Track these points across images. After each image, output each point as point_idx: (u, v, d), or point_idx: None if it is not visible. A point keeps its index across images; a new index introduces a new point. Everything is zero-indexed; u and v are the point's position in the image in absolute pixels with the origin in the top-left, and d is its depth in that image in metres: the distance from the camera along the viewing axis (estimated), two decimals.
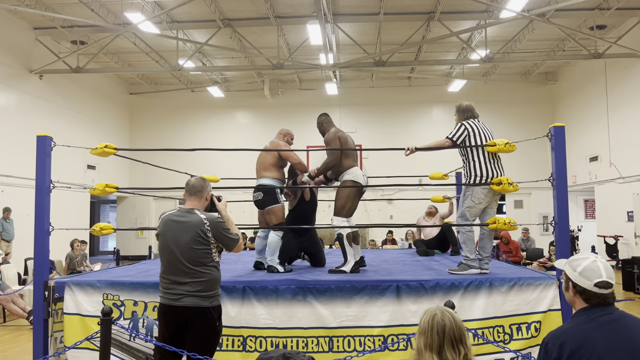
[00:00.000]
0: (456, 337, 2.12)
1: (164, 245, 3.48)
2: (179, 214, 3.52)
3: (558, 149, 4.38)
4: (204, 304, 3.39)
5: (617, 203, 13.77)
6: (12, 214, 11.46)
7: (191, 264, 3.38)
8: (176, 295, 3.38)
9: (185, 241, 3.39)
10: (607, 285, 2.15)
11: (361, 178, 5.18)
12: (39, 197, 4.51)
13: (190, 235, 3.39)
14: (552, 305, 4.24)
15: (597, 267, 2.18)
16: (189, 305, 3.36)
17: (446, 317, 2.17)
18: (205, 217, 3.45)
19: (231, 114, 18.66)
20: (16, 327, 7.37)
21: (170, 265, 3.42)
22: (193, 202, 3.58)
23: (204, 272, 3.41)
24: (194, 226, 3.40)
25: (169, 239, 3.45)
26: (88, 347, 4.31)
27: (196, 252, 3.40)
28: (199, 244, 3.40)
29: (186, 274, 3.38)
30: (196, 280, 3.38)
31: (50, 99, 14.07)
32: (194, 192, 3.57)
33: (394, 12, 12.47)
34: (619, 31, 13.18)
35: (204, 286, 3.40)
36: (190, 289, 3.37)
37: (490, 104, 17.18)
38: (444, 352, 2.10)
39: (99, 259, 16.87)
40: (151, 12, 11.85)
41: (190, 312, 3.36)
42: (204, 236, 3.40)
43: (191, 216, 3.46)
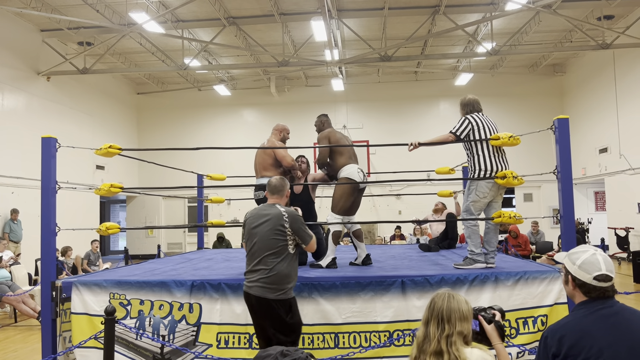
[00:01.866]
0: (443, 316, 2.31)
1: (249, 235, 3.79)
2: (262, 207, 3.87)
3: (562, 141, 4.35)
4: (270, 295, 3.58)
5: (628, 194, 13.64)
6: (22, 215, 11.57)
7: (266, 254, 3.65)
8: (250, 282, 3.68)
9: (265, 231, 3.68)
10: (606, 279, 2.13)
11: (356, 175, 5.23)
12: (45, 197, 4.54)
13: (270, 226, 3.68)
14: (559, 298, 4.21)
15: (596, 260, 2.16)
16: (258, 295, 3.61)
17: (442, 298, 2.37)
18: (285, 210, 3.76)
19: (238, 112, 18.70)
20: (27, 327, 7.44)
21: (252, 254, 3.72)
22: (275, 200, 3.91)
23: (276, 264, 3.63)
24: (274, 218, 3.71)
25: (252, 228, 3.77)
26: (95, 346, 4.35)
27: (273, 242, 3.66)
28: (277, 235, 3.67)
29: (260, 263, 3.65)
30: (268, 271, 3.62)
31: (58, 101, 14.17)
32: (276, 191, 3.91)
33: (398, 7, 12.41)
34: (627, 21, 13.03)
35: (273, 278, 3.61)
36: (260, 278, 3.62)
37: (498, 97, 17.09)
38: (430, 325, 2.33)
39: (110, 258, 17.01)
40: (156, 11, 11.88)
41: (261, 302, 3.61)
42: (282, 228, 3.68)
43: (272, 209, 3.78)
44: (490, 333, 2.51)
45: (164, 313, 4.43)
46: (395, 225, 14.42)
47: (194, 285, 4.43)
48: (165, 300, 4.44)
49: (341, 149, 5.38)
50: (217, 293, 4.40)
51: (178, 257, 7.21)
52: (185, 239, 18.57)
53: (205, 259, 6.73)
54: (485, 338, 2.52)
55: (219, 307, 4.38)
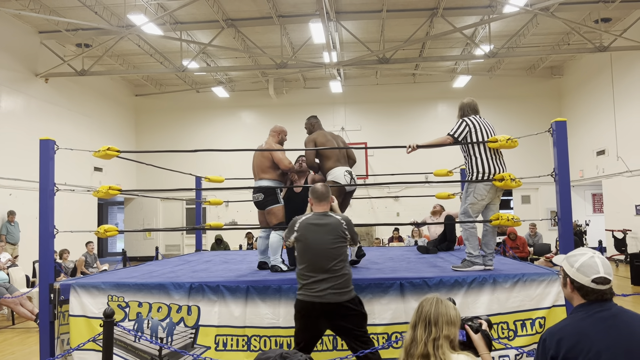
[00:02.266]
0: (431, 320, 2.33)
1: (306, 247, 3.77)
2: (315, 217, 3.86)
3: (560, 143, 4.36)
4: (344, 298, 3.65)
5: (625, 197, 13.67)
6: (20, 217, 11.55)
7: (334, 262, 3.68)
8: (320, 292, 3.65)
9: (328, 241, 3.72)
10: (604, 281, 2.14)
11: (341, 178, 5.25)
12: (43, 200, 4.54)
13: (333, 236, 3.74)
14: (557, 300, 4.21)
15: (594, 262, 2.17)
16: (333, 301, 3.62)
17: (430, 302, 2.39)
18: (341, 217, 3.86)
19: (236, 114, 18.71)
20: (24, 330, 7.43)
21: (314, 264, 3.70)
22: (324, 206, 3.93)
23: (343, 269, 3.71)
24: (335, 227, 3.77)
25: (311, 241, 3.75)
26: (94, 349, 4.34)
27: (337, 250, 3.72)
28: (339, 243, 3.74)
29: (328, 271, 3.67)
30: (336, 276, 3.67)
31: (56, 102, 14.16)
32: (324, 198, 3.94)
33: (396, 9, 12.44)
34: (624, 24, 13.08)
35: (342, 282, 3.68)
36: (333, 286, 3.64)
37: (496, 100, 17.13)
38: (417, 328, 2.35)
39: (107, 260, 16.98)
40: (154, 13, 11.89)
41: (334, 307, 3.63)
42: (343, 234, 3.77)
43: (329, 218, 3.83)
44: (477, 342, 2.51)
45: (162, 315, 4.43)
46: (393, 227, 14.44)
47: (192, 287, 4.42)
48: (164, 302, 4.44)
49: (328, 152, 5.38)
50: (216, 295, 4.40)
51: (176, 259, 7.20)
52: (184, 240, 18.55)
53: (203, 261, 6.72)
54: (472, 348, 2.52)
55: (217, 310, 4.38)
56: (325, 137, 5.51)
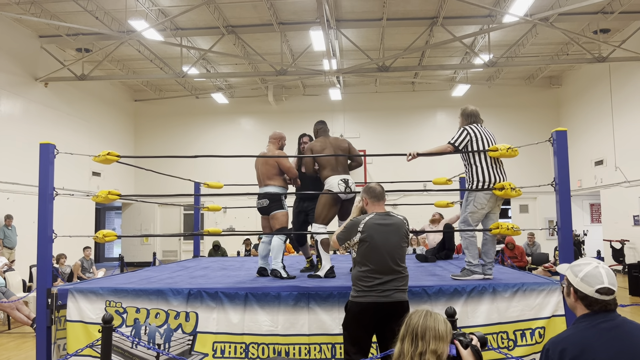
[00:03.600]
0: (418, 333, 2.29)
1: (373, 248, 3.67)
2: (380, 217, 3.74)
3: (560, 153, 4.37)
4: (406, 297, 3.70)
5: (623, 207, 13.68)
6: (18, 221, 11.51)
7: (400, 262, 3.69)
8: (387, 292, 3.61)
9: (395, 241, 3.69)
10: (608, 292, 2.13)
11: (335, 187, 5.26)
12: (42, 204, 4.52)
13: (399, 236, 3.72)
14: (556, 310, 4.20)
15: (599, 273, 2.15)
16: (399, 300, 3.62)
17: (419, 315, 2.36)
18: (403, 218, 3.83)
19: (235, 120, 18.72)
20: (20, 335, 7.38)
21: (381, 265, 3.63)
22: (382, 206, 3.86)
23: (406, 269, 3.74)
24: (400, 227, 3.74)
25: (378, 241, 3.66)
26: (90, 355, 4.32)
27: (403, 250, 3.74)
28: (404, 243, 3.76)
29: (395, 272, 3.64)
30: (402, 276, 3.68)
31: (56, 107, 14.15)
32: (382, 197, 3.88)
33: (397, 18, 12.49)
34: (623, 35, 13.15)
35: (407, 281, 3.72)
36: (398, 285, 3.64)
37: (495, 109, 17.16)
38: (405, 341, 2.32)
39: (104, 265, 16.92)
40: (155, 19, 11.91)
41: (398, 306, 3.59)
42: (407, 234, 3.78)
43: (393, 218, 3.77)
44: (466, 358, 2.43)
45: (160, 321, 4.40)
46: None
47: (190, 293, 4.40)
48: (162, 308, 4.41)
49: (323, 161, 5.37)
50: (214, 302, 4.38)
51: (174, 265, 7.17)
52: (181, 246, 18.50)
53: (201, 267, 6.70)
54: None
55: (216, 316, 4.36)
56: (323, 144, 5.48)
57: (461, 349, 2.41)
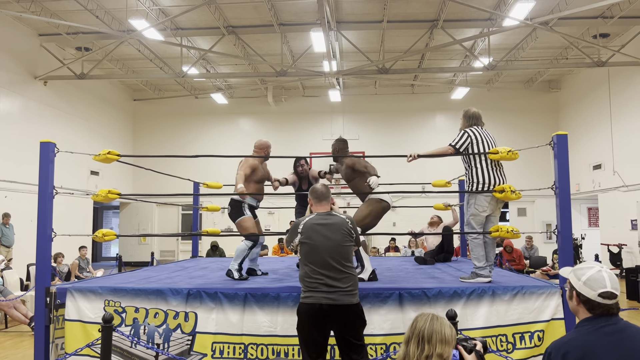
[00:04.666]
0: (424, 336, 2.29)
1: (312, 248, 3.61)
2: (320, 217, 3.71)
3: (561, 157, 4.37)
4: (354, 300, 3.54)
5: (621, 211, 13.71)
6: (15, 220, 11.47)
7: (343, 262, 3.57)
8: (330, 294, 3.49)
9: (335, 241, 3.59)
10: (611, 296, 2.13)
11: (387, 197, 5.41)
12: (42, 203, 4.51)
13: (340, 235, 3.61)
14: (555, 314, 4.21)
15: (601, 277, 2.16)
16: (343, 303, 3.49)
17: (425, 319, 2.36)
18: (346, 216, 3.75)
19: (234, 121, 18.71)
20: (18, 333, 7.36)
21: (320, 265, 3.55)
22: (325, 206, 3.83)
23: (351, 270, 3.60)
24: (341, 225, 3.65)
25: (317, 241, 3.60)
26: (89, 354, 4.30)
27: (346, 249, 3.61)
28: (347, 242, 3.64)
29: (339, 272, 3.53)
30: (347, 277, 3.54)
31: (55, 105, 14.13)
32: (324, 197, 3.85)
33: (397, 20, 12.50)
34: (622, 39, 13.19)
35: (352, 283, 3.56)
36: (343, 287, 3.51)
37: (494, 112, 17.16)
38: (410, 344, 2.32)
39: (102, 265, 16.88)
40: (155, 19, 11.90)
41: (344, 309, 3.49)
42: (349, 233, 3.65)
43: (334, 218, 3.71)
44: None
45: (158, 321, 4.39)
46: (389, 237, 14.42)
47: (190, 293, 4.40)
48: (161, 308, 4.40)
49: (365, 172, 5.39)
50: (213, 302, 4.37)
51: (173, 265, 7.16)
52: (178, 246, 18.47)
53: (200, 267, 6.69)
54: None
55: (215, 317, 4.35)
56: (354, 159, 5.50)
57: (465, 354, 2.41)
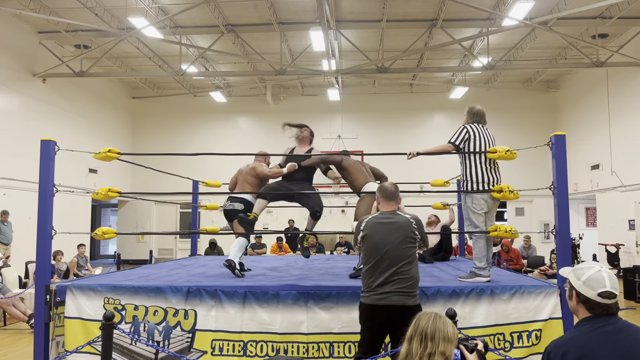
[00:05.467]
0: (427, 334, 2.30)
1: (372, 246, 3.61)
2: (383, 216, 3.69)
3: (559, 157, 4.39)
4: (410, 302, 3.49)
5: (619, 211, 13.76)
6: (13, 217, 11.46)
7: (401, 263, 3.52)
8: (385, 294, 3.50)
9: (396, 241, 3.55)
10: (610, 296, 2.15)
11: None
12: (42, 200, 4.52)
13: (402, 235, 3.56)
14: (553, 313, 4.23)
15: (601, 276, 2.17)
16: (399, 304, 3.46)
17: (428, 317, 2.37)
18: (411, 217, 3.67)
19: (233, 119, 18.70)
20: (16, 331, 7.37)
21: (378, 265, 3.55)
22: (392, 205, 3.77)
23: (410, 271, 3.54)
24: (403, 226, 3.59)
25: (376, 240, 3.59)
26: (89, 352, 4.32)
27: (405, 251, 3.55)
28: (408, 243, 3.57)
29: (394, 273, 3.51)
30: (403, 278, 3.50)
31: (53, 103, 14.12)
32: (392, 197, 3.78)
33: (396, 19, 12.51)
34: (621, 40, 13.22)
35: (410, 284, 3.52)
36: (400, 287, 3.49)
37: (492, 112, 17.02)
38: (413, 342, 2.32)
39: (100, 263, 16.87)
40: (155, 17, 11.90)
41: (399, 310, 3.45)
42: (413, 235, 3.59)
43: (398, 217, 3.66)
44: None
45: (158, 319, 4.41)
46: None
47: (189, 291, 4.41)
48: (160, 306, 4.42)
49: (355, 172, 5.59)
50: (213, 300, 4.39)
51: (172, 263, 7.18)
52: (177, 245, 18.47)
53: (199, 265, 6.71)
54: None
55: (215, 314, 4.37)
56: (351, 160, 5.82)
57: (466, 354, 2.42)
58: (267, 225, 17.25)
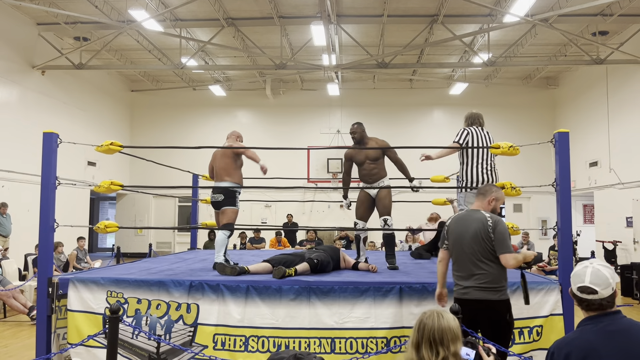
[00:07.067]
0: (436, 338, 2.21)
1: (453, 242, 3.75)
2: (466, 213, 3.81)
3: (562, 154, 4.41)
4: (493, 297, 3.53)
5: (616, 209, 13.80)
6: (12, 210, 11.43)
7: (477, 259, 3.58)
8: (464, 289, 3.61)
9: (470, 237, 3.62)
10: (586, 290, 2.14)
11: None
12: (45, 193, 4.52)
13: (477, 232, 3.60)
14: (554, 309, 4.26)
15: (583, 272, 2.18)
16: (477, 298, 3.54)
17: (432, 318, 2.27)
18: (490, 215, 3.66)
19: (232, 113, 18.66)
20: (17, 323, 7.37)
21: (459, 260, 3.67)
22: (477, 204, 3.84)
23: (487, 267, 3.55)
24: (478, 222, 3.62)
25: (456, 236, 3.72)
26: (91, 345, 4.33)
27: (481, 246, 3.58)
28: (482, 240, 3.57)
29: (473, 268, 3.59)
30: (480, 273, 3.55)
31: (52, 95, 14.06)
32: (480, 194, 3.85)
33: (397, 14, 12.49)
34: (621, 37, 13.22)
35: (489, 281, 3.54)
36: (478, 283, 3.55)
37: (491, 108, 17.20)
38: (421, 349, 2.22)
39: (98, 256, 16.88)
40: (155, 9, 11.84)
41: (478, 304, 3.53)
42: (486, 232, 3.57)
43: (476, 214, 3.70)
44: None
45: (160, 312, 4.42)
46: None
47: (192, 285, 4.42)
48: (163, 299, 4.43)
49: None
50: (215, 294, 4.40)
51: (172, 257, 7.19)
52: (175, 238, 18.46)
53: (199, 259, 6.71)
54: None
55: (217, 309, 4.38)
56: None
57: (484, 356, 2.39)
58: (266, 220, 17.26)
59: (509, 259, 3.52)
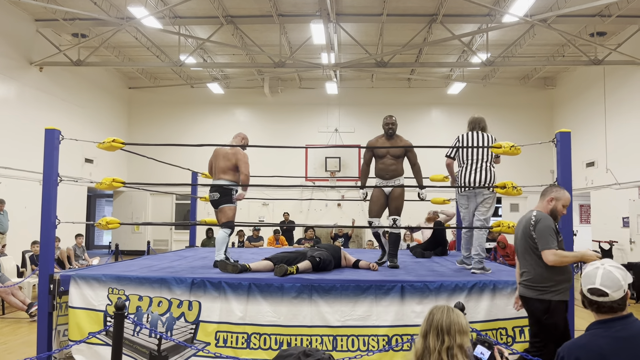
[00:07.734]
0: (443, 328, 2.32)
1: (514, 241, 3.95)
2: (528, 213, 3.86)
3: (563, 154, 4.43)
4: (531, 294, 3.63)
5: (613, 209, 13.86)
6: (9, 206, 11.39)
7: (522, 257, 3.75)
8: (519, 285, 3.82)
9: (519, 236, 3.79)
10: (597, 292, 2.13)
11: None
12: (46, 190, 4.52)
13: (521, 229, 3.77)
14: None
15: (594, 273, 2.16)
16: (521, 294, 3.75)
17: (442, 310, 2.39)
18: (536, 213, 3.72)
19: (230, 111, 18.64)
20: (15, 320, 7.35)
21: (517, 258, 3.84)
22: (538, 203, 3.92)
23: (531, 264, 3.66)
24: (525, 220, 3.76)
25: (515, 235, 3.90)
26: (93, 342, 4.33)
27: (524, 245, 3.72)
28: (525, 237, 3.70)
29: (521, 265, 3.77)
30: (526, 271, 3.70)
31: (50, 92, 14.01)
32: (542, 194, 3.88)
33: (396, 14, 12.49)
34: (619, 38, 13.27)
35: (533, 279, 3.63)
36: (523, 280, 3.72)
37: (489, 108, 17.23)
38: (428, 337, 2.34)
39: (94, 253, 16.83)
40: (154, 7, 11.81)
41: (523, 301, 3.75)
42: (530, 230, 3.66)
43: (528, 214, 3.80)
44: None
45: (162, 310, 4.42)
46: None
47: (194, 282, 4.43)
48: (165, 297, 4.43)
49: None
50: (217, 291, 4.41)
51: (171, 254, 7.19)
52: (172, 236, 18.43)
53: (199, 257, 6.71)
54: None
55: (219, 306, 4.39)
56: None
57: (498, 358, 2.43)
58: (263, 218, 17.26)
59: (547, 255, 3.52)
